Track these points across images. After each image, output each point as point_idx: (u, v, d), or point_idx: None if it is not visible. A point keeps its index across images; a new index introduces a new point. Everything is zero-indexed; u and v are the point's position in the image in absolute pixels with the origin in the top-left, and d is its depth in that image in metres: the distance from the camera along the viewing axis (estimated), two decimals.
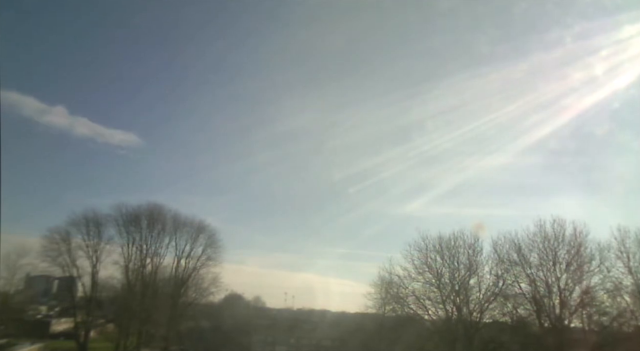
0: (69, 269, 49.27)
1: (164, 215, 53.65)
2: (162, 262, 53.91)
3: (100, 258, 50.09)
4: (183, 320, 56.08)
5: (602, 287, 36.07)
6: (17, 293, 55.29)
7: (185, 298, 55.78)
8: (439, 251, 40.88)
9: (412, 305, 42.67)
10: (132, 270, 51.67)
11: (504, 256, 38.94)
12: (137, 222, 52.25)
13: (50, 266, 49.54)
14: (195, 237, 54.55)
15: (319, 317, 74.36)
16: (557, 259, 36.60)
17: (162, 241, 53.37)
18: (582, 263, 36.13)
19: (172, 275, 54.71)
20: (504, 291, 38.82)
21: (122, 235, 51.57)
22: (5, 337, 45.68)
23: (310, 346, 62.84)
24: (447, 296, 40.39)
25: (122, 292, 52.23)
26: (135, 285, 51.68)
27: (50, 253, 47.97)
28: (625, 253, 34.86)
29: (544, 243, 37.10)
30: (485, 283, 39.79)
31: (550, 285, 36.63)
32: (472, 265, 40.02)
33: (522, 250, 38.01)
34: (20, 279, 54.56)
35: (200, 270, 55.19)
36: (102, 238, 50.47)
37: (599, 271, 35.68)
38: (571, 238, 36.64)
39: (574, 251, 36.36)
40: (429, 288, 41.31)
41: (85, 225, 49.84)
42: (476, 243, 40.40)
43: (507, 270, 38.71)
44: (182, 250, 54.23)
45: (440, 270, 40.70)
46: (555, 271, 36.48)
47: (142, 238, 52.24)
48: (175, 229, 53.99)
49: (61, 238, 48.43)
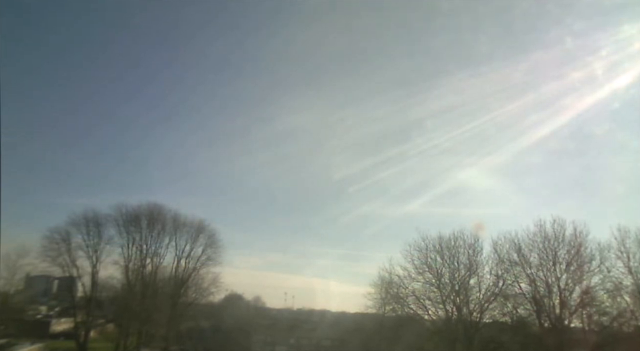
0: (69, 269, 49.31)
1: (164, 215, 53.67)
2: (162, 262, 53.95)
3: (100, 258, 50.14)
4: (183, 320, 56.00)
5: (602, 287, 36.07)
6: (17, 293, 55.14)
7: (185, 298, 55.69)
8: (439, 251, 40.93)
9: (412, 305, 42.75)
10: (132, 270, 51.66)
11: (504, 256, 39.00)
12: (137, 222, 52.25)
13: (50, 266, 49.63)
14: (195, 237, 54.55)
15: (319, 317, 74.38)
16: (557, 259, 36.59)
17: (162, 241, 53.42)
18: (582, 263, 36.12)
19: (172, 275, 54.67)
20: (504, 291, 38.83)
21: (122, 235, 51.59)
22: (5, 337, 45.61)
23: (310, 346, 62.82)
24: (447, 296, 40.40)
25: (122, 292, 52.19)
26: (135, 285, 51.65)
27: (50, 253, 48.03)
28: (625, 253, 34.82)
29: (544, 243, 37.09)
30: (485, 283, 39.87)
31: (550, 285, 36.63)
32: (472, 265, 40.04)
33: (522, 250, 38.03)
34: (20, 279, 54.45)
35: (200, 270, 55.21)
36: (102, 238, 50.50)
37: (599, 271, 35.70)
38: (571, 238, 36.65)
39: (574, 251, 36.34)
40: (429, 288, 41.39)
41: (85, 225, 49.89)
42: (476, 243, 40.50)
43: (507, 270, 38.73)
44: (182, 250, 54.22)
45: (440, 270, 40.76)
46: (555, 271, 36.48)
47: (142, 238, 52.26)
48: (175, 229, 53.99)
49: (61, 238, 48.46)
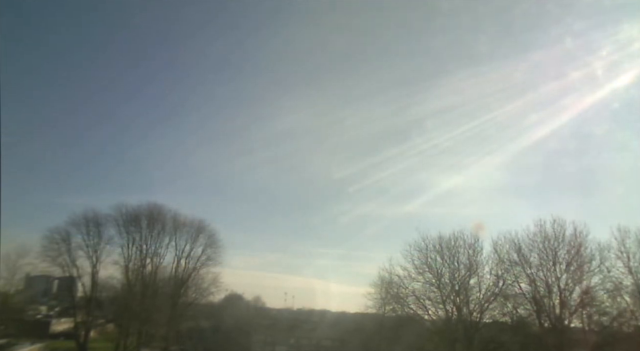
0: (69, 269, 49.28)
1: (164, 215, 53.56)
2: (162, 262, 53.84)
3: (100, 258, 50.08)
4: (183, 320, 55.95)
5: (602, 287, 36.04)
6: (17, 293, 55.13)
7: (185, 298, 55.61)
8: (439, 251, 40.86)
9: (412, 305, 42.67)
10: (132, 270, 51.60)
11: (504, 256, 38.92)
12: (137, 222, 52.17)
13: (50, 266, 49.62)
14: (195, 237, 54.44)
15: (319, 317, 74.39)
16: (557, 259, 36.56)
17: (162, 241, 53.28)
18: (582, 263, 36.08)
19: (172, 275, 54.60)
20: (504, 291, 38.78)
21: (122, 235, 51.53)
22: (5, 337, 45.63)
23: (310, 346, 62.84)
24: (447, 296, 40.35)
25: (122, 292, 52.14)
26: (135, 285, 51.60)
27: (50, 253, 47.99)
28: (625, 253, 34.81)
29: (544, 243, 37.05)
30: (485, 283, 39.79)
31: (550, 285, 36.59)
32: (472, 265, 39.99)
33: (522, 250, 37.97)
34: (20, 279, 54.46)
35: (200, 270, 55.12)
36: (102, 238, 50.43)
37: (599, 271, 35.66)
38: (571, 238, 36.61)
39: (574, 251, 36.31)
40: (429, 288, 41.30)
41: (85, 225, 49.84)
42: (476, 243, 40.37)
43: (507, 270, 38.68)
44: (182, 250, 54.11)
45: (440, 270, 40.68)
46: (555, 271, 36.45)
47: (142, 238, 52.18)
48: (175, 229, 53.91)
49: (61, 238, 48.42)
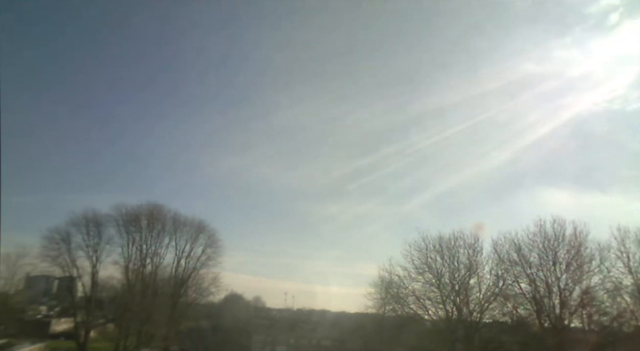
0: (69, 269, 49.18)
1: (164, 215, 53.53)
2: (162, 262, 53.77)
3: (100, 258, 49.94)
4: (183, 320, 56.04)
5: (602, 287, 36.12)
6: (17, 293, 55.17)
7: (185, 298, 55.65)
8: (439, 251, 40.95)
9: (412, 305, 42.77)
10: (132, 270, 51.54)
11: (504, 256, 39.04)
12: (137, 222, 52.10)
13: (50, 266, 49.42)
14: (195, 237, 54.40)
15: (319, 317, 74.46)
16: (557, 259, 36.64)
17: (162, 241, 53.23)
18: (582, 263, 36.14)
19: (172, 275, 54.57)
20: (504, 291, 38.84)
21: (122, 235, 51.40)
22: (5, 337, 45.67)
23: (310, 346, 62.80)
24: (447, 296, 40.39)
25: (122, 292, 52.06)
26: (135, 285, 51.54)
27: (50, 253, 47.86)
28: (625, 253, 34.97)
29: (544, 243, 37.14)
30: (485, 283, 39.93)
31: (550, 285, 36.65)
32: (472, 265, 40.05)
33: (522, 250, 38.08)
34: (20, 279, 54.45)
35: (200, 270, 55.10)
36: (102, 238, 50.28)
37: (599, 272, 35.78)
38: (571, 238, 36.71)
39: (574, 251, 36.38)
40: (429, 288, 41.39)
41: (85, 225, 49.71)
42: (476, 243, 40.56)
43: (507, 270, 38.78)
44: (182, 250, 54.08)
45: (440, 270, 40.77)
46: (555, 271, 36.52)
47: (142, 238, 52.11)
48: (175, 229, 53.85)
49: (61, 238, 48.30)
